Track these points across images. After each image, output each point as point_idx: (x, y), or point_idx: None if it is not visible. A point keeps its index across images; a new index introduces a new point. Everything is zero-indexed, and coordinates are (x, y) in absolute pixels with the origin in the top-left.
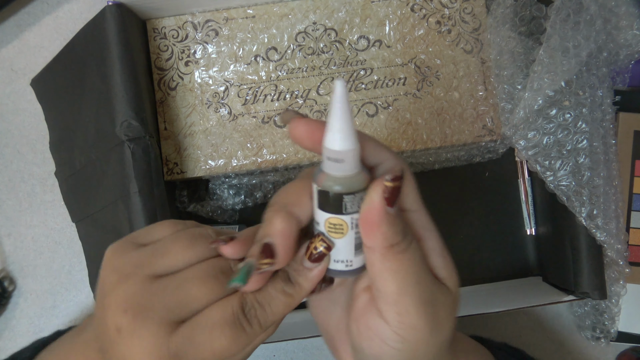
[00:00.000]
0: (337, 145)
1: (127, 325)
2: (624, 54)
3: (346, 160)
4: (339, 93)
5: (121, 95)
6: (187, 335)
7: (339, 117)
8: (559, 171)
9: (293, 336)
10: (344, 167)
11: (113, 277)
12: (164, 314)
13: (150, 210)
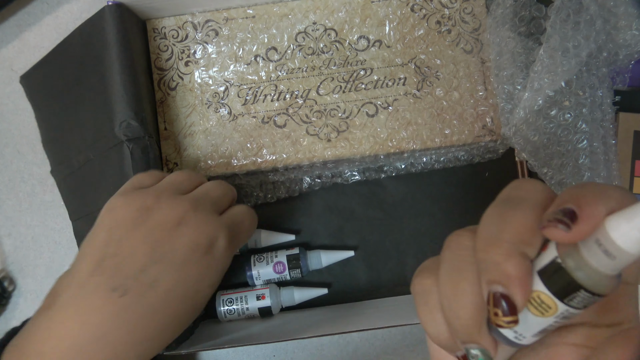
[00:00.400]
0: (626, 244)
1: (192, 216)
2: (623, 54)
3: (618, 261)
4: None
5: (120, 95)
6: (230, 216)
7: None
8: (559, 171)
9: (293, 336)
10: (608, 264)
11: (150, 200)
12: (209, 207)
13: None
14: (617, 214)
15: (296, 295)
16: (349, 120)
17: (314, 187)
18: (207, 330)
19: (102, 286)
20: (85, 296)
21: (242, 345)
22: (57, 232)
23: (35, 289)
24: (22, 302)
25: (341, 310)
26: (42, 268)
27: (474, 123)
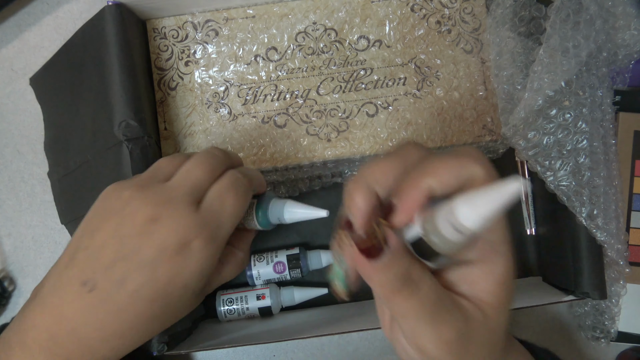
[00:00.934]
0: (472, 225)
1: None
2: (622, 54)
3: (465, 237)
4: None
5: (119, 95)
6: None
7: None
8: (559, 171)
9: (293, 336)
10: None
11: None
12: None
13: None
14: (462, 198)
15: (296, 295)
16: (349, 120)
17: (314, 187)
18: (207, 330)
19: (74, 279)
20: (60, 288)
21: (242, 345)
22: (57, 232)
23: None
24: (22, 302)
25: (341, 310)
26: (42, 268)
27: (474, 123)
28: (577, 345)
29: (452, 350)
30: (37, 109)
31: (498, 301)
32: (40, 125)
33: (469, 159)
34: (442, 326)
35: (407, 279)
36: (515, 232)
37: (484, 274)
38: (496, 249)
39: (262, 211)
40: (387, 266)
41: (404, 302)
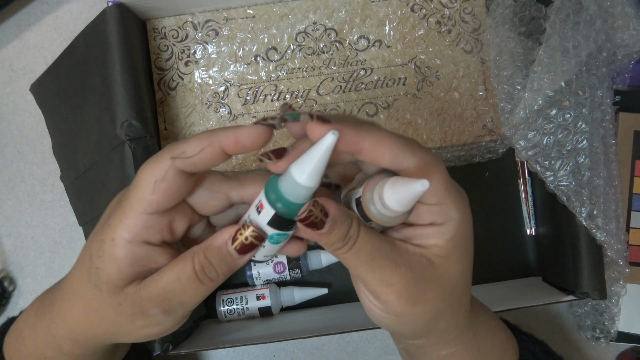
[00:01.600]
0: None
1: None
2: (621, 54)
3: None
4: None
5: (122, 96)
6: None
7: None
8: (559, 171)
9: (293, 336)
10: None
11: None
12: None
13: None
14: (390, 183)
15: (296, 295)
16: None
17: None
18: (207, 330)
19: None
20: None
21: (242, 345)
22: (57, 232)
23: (35, 289)
24: (22, 302)
25: (341, 310)
26: (42, 268)
27: (474, 123)
28: (577, 345)
29: (396, 291)
30: (37, 109)
31: (445, 252)
32: (40, 125)
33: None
34: (382, 271)
35: (346, 237)
36: (515, 232)
37: (434, 233)
38: (448, 216)
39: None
40: (328, 233)
41: (344, 255)
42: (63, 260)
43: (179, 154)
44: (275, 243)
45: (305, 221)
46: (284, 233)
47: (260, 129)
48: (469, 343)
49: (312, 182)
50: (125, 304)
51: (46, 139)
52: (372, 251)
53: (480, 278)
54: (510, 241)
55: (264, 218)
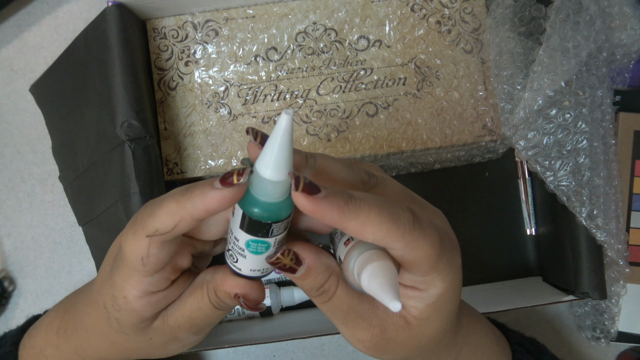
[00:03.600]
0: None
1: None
2: (620, 54)
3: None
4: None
5: (121, 95)
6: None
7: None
8: (559, 171)
9: (293, 336)
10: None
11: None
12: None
13: None
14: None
15: (296, 295)
16: (349, 120)
17: None
18: None
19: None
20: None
21: (242, 345)
22: (57, 232)
23: (35, 289)
24: (22, 302)
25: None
26: (42, 268)
27: (474, 123)
28: (577, 345)
29: (367, 346)
30: (37, 109)
31: (424, 315)
32: (40, 125)
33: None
34: (355, 329)
35: (320, 289)
36: (515, 232)
37: (415, 296)
38: (431, 284)
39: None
40: (302, 279)
41: (321, 306)
42: (63, 260)
43: (152, 231)
44: (254, 253)
45: (274, 265)
46: (260, 240)
47: (228, 193)
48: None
49: (277, 175)
50: (156, 337)
51: (46, 139)
52: (348, 311)
53: (480, 278)
54: (510, 241)
55: (236, 221)
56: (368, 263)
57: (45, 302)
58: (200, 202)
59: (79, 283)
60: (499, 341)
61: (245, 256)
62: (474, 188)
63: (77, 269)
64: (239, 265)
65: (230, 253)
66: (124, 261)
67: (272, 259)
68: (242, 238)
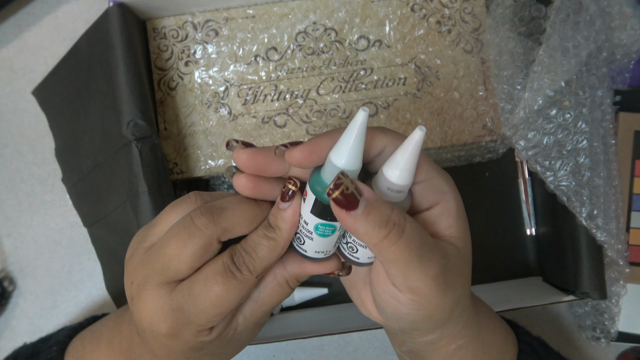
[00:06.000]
0: (402, 181)
1: (135, 294)
2: (620, 54)
3: (404, 192)
4: (417, 137)
5: (127, 95)
6: (186, 289)
7: (409, 158)
8: (559, 171)
9: (293, 336)
10: (401, 196)
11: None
12: (157, 278)
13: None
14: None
15: (296, 295)
16: (349, 120)
17: None
18: None
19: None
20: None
21: None
22: (57, 232)
23: (35, 289)
24: (22, 302)
25: (341, 310)
26: (42, 268)
27: (474, 123)
28: (577, 345)
29: (438, 283)
30: (37, 109)
31: (461, 232)
32: (40, 125)
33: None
34: (428, 263)
35: (390, 223)
36: (515, 232)
37: (442, 213)
38: (442, 190)
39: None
40: (366, 214)
41: (393, 247)
42: (63, 260)
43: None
44: (321, 235)
45: (335, 190)
46: (327, 224)
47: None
48: (474, 334)
49: (346, 160)
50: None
51: (46, 139)
52: (422, 243)
53: (480, 278)
54: (510, 241)
55: (308, 206)
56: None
57: (45, 302)
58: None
59: (78, 283)
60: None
61: (312, 238)
62: (474, 188)
63: (77, 269)
64: (305, 247)
65: (298, 236)
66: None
67: (332, 184)
68: (312, 221)
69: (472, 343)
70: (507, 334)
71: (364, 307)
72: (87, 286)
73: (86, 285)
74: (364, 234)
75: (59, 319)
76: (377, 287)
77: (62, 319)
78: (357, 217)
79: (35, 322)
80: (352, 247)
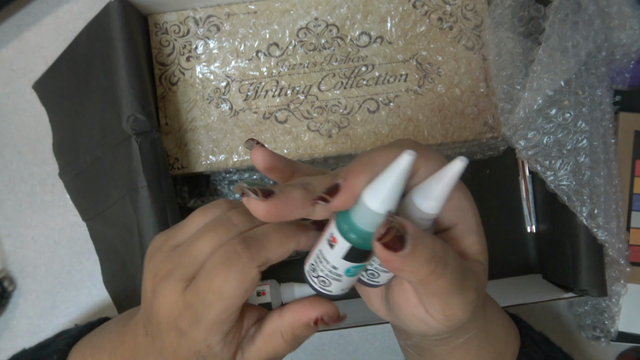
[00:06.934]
0: (436, 211)
1: (156, 286)
2: (620, 54)
3: (431, 220)
4: (457, 168)
5: (127, 90)
6: (193, 285)
7: (446, 189)
8: (560, 171)
9: None
10: (430, 223)
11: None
12: (179, 272)
13: (159, 204)
14: (419, 192)
15: (296, 292)
16: (350, 116)
17: None
18: None
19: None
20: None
21: None
22: (57, 232)
23: (35, 289)
24: (22, 302)
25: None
26: (42, 268)
27: (475, 120)
28: (577, 345)
29: (473, 307)
30: (37, 109)
31: (483, 246)
32: (40, 125)
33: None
34: (467, 291)
35: (436, 258)
36: (515, 229)
37: (464, 232)
38: (462, 208)
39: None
40: (413, 252)
41: (438, 281)
42: (63, 260)
43: (264, 262)
44: (351, 276)
45: (385, 236)
46: (360, 265)
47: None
48: (481, 327)
49: (387, 206)
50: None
51: (46, 139)
52: (461, 270)
53: None
54: (510, 238)
55: (339, 252)
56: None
57: (45, 302)
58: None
59: (78, 283)
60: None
61: (341, 280)
62: (474, 185)
63: (77, 269)
64: (330, 289)
65: (322, 279)
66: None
67: (382, 229)
68: (343, 267)
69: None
70: (510, 327)
71: (370, 305)
72: (87, 286)
73: (86, 285)
74: (410, 272)
75: (59, 319)
76: (404, 310)
77: (62, 319)
78: (405, 257)
79: (35, 322)
80: (374, 274)
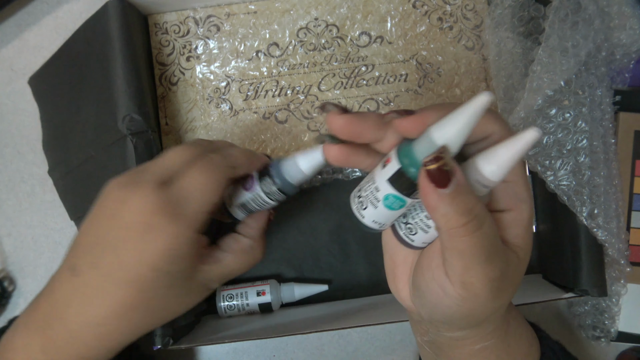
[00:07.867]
0: (495, 178)
1: (129, 194)
2: (620, 54)
3: (490, 188)
4: (530, 137)
5: (123, 90)
6: (172, 186)
7: (513, 157)
8: (559, 171)
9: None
10: (486, 191)
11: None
12: (149, 178)
13: None
14: (484, 156)
15: (296, 292)
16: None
17: (315, 183)
18: (208, 326)
19: (64, 265)
20: (55, 274)
21: (242, 340)
22: (57, 232)
23: (35, 289)
24: (22, 302)
25: (341, 307)
26: (42, 268)
27: None
28: (577, 345)
29: (493, 287)
30: (37, 108)
31: (527, 244)
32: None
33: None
34: (491, 265)
35: (472, 213)
36: None
37: (514, 221)
38: (521, 198)
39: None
40: (453, 196)
41: (466, 237)
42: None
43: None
44: (387, 207)
45: (432, 163)
46: (400, 197)
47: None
48: (501, 337)
49: (447, 141)
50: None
51: None
52: (494, 242)
53: None
54: None
55: (387, 173)
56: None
57: None
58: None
59: None
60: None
61: (377, 207)
62: None
63: None
64: (364, 213)
65: (361, 200)
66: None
67: (431, 156)
68: (384, 190)
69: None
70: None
71: (394, 284)
72: None
73: None
74: (443, 216)
75: None
76: (425, 273)
77: None
78: (444, 196)
79: None
80: (412, 229)
